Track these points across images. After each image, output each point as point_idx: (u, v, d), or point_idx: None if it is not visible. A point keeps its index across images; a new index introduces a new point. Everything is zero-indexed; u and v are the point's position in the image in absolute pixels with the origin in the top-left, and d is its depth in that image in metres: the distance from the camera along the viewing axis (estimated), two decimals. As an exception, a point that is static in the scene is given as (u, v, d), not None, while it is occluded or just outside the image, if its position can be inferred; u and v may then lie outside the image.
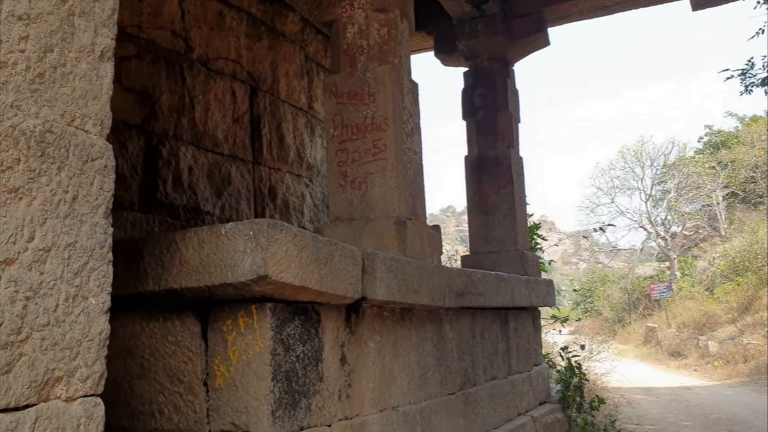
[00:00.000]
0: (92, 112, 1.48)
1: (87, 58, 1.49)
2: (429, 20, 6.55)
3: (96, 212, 1.46)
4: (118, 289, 2.49)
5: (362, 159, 3.60)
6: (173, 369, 2.48)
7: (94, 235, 1.44)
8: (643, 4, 6.36)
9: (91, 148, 1.46)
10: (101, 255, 1.45)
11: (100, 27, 1.52)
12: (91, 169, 1.45)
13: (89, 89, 1.48)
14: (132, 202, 3.98)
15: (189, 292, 2.35)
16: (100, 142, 1.49)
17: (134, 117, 4.09)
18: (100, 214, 1.47)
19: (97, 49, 1.51)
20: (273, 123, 5.49)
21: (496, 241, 6.08)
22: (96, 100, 1.49)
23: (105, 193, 1.48)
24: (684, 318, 17.95)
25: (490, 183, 6.17)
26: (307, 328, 2.55)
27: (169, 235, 2.40)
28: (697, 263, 22.38)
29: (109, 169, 1.50)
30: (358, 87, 3.68)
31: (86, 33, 1.49)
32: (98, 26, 1.51)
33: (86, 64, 1.48)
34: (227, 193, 4.84)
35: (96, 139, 1.48)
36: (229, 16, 5.13)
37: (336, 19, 3.87)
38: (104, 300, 1.45)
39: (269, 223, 2.22)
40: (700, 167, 25.47)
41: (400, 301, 3.09)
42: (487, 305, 4.28)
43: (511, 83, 6.36)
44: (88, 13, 1.49)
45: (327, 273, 2.51)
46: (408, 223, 3.58)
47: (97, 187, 1.47)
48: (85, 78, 1.47)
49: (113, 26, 1.56)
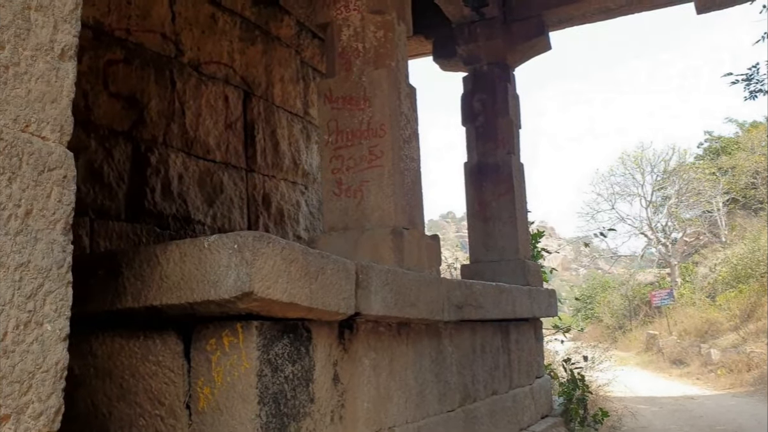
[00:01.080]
0: (50, 116, 1.33)
1: (45, 57, 1.34)
2: (427, 24, 6.42)
3: (53, 228, 1.31)
4: (97, 306, 2.36)
5: (358, 166, 3.46)
6: (154, 391, 2.33)
7: (50, 253, 1.29)
8: (646, 7, 6.23)
9: (48, 156, 1.31)
10: (59, 276, 1.30)
11: (61, 23, 1.37)
12: (48, 180, 1.30)
13: (47, 91, 1.33)
14: (118, 211, 3.83)
15: (170, 309, 2.21)
16: (59, 150, 1.34)
17: (121, 123, 3.94)
18: (58, 231, 1.31)
19: (57, 47, 1.36)
20: (267, 129, 5.34)
21: (497, 249, 5.93)
22: (55, 104, 1.34)
23: (64, 207, 1.33)
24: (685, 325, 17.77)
25: (491, 190, 6.03)
26: (296, 347, 2.40)
27: (150, 249, 2.25)
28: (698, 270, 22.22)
29: (69, 180, 1.35)
30: (354, 91, 3.53)
31: (44, 29, 1.34)
32: (58, 22, 1.37)
33: (44, 64, 1.33)
34: (219, 201, 4.69)
35: (54, 146, 1.33)
36: (221, 20, 4.99)
37: (331, 22, 3.73)
38: (62, 326, 1.30)
39: (255, 235, 2.07)
40: (701, 173, 25.36)
41: (396, 315, 2.94)
42: (487, 317, 4.13)
43: (511, 88, 6.22)
44: (46, 7, 1.35)
45: (318, 288, 2.36)
46: (405, 233, 3.43)
47: (55, 200, 1.32)
48: (43, 79, 1.33)
49: (76, 22, 1.41)
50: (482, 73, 6.10)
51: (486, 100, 6.06)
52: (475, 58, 6.12)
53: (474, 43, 6.08)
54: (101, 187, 3.72)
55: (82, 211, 3.58)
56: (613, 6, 6.17)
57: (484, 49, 6.08)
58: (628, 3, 6.15)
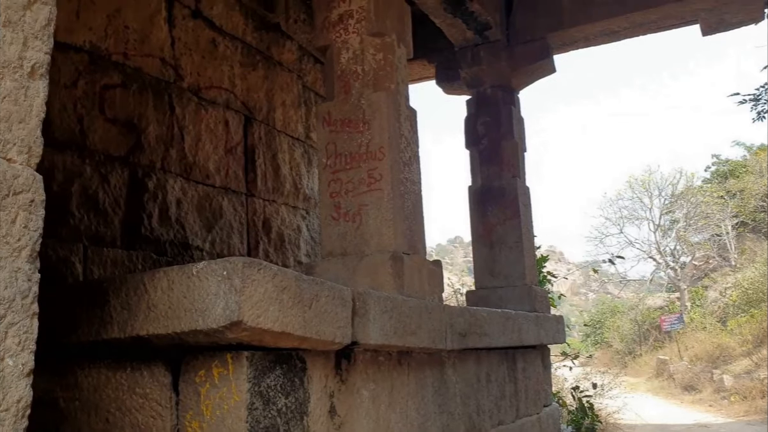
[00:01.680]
0: (17, 137, 1.25)
1: (13, 75, 1.27)
2: (430, 48, 6.39)
3: (18, 256, 1.22)
4: (83, 336, 2.27)
5: (356, 190, 3.37)
6: (141, 425, 2.23)
7: (14, 283, 1.21)
8: (652, 29, 6.18)
9: (13, 179, 1.23)
10: (23, 306, 1.22)
11: (32, 39, 1.31)
12: (14, 205, 1.22)
13: (14, 111, 1.26)
14: (114, 238, 3.75)
15: (158, 339, 2.11)
16: (27, 173, 1.26)
17: (118, 149, 3.88)
18: (23, 258, 1.23)
19: (27, 65, 1.29)
20: (268, 153, 5.28)
21: (503, 275, 5.82)
22: (23, 124, 1.27)
23: (31, 233, 1.25)
24: (696, 350, 17.48)
25: (496, 214, 5.93)
26: (290, 378, 2.30)
27: (137, 277, 2.16)
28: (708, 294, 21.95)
29: (37, 205, 1.27)
30: (352, 114, 3.47)
31: (13, 46, 1.27)
32: (29, 38, 1.30)
33: (12, 82, 1.26)
34: (218, 226, 4.62)
35: (21, 169, 1.25)
36: (222, 45, 4.96)
37: (330, 45, 3.68)
38: (25, 361, 1.21)
39: (245, 261, 1.98)
40: (709, 197, 25.16)
41: (396, 344, 2.83)
42: (493, 345, 4.01)
43: (516, 111, 6.15)
44: (15, 22, 1.28)
45: (312, 316, 2.27)
46: (405, 258, 3.33)
47: (21, 226, 1.23)
48: (10, 98, 1.25)
49: (48, 38, 1.34)
50: (486, 96, 6.05)
51: (490, 123, 6.00)
52: (479, 81, 6.07)
53: (477, 66, 6.03)
54: (96, 213, 3.65)
55: (75, 238, 3.51)
56: (616, 28, 6.12)
57: (487, 72, 6.03)
58: (632, 25, 6.10)
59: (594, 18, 6.02)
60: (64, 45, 3.59)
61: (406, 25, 3.86)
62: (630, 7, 5.88)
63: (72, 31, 3.64)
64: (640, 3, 5.83)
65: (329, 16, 3.67)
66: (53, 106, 3.47)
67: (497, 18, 5.93)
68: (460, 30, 5.82)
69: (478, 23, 5.75)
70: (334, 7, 3.66)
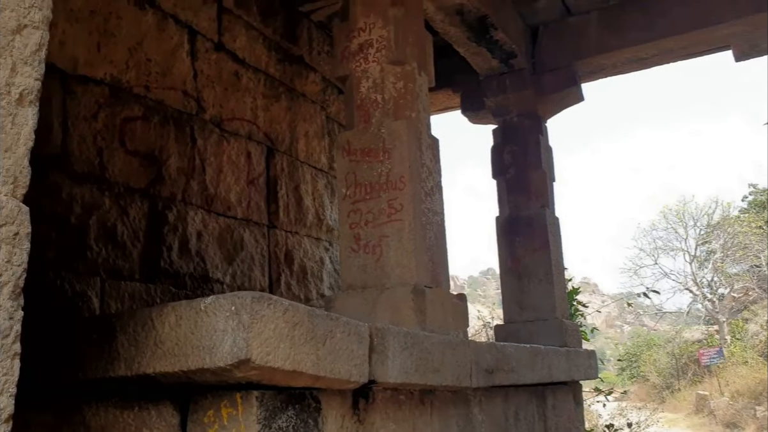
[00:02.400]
0: (2, 167, 1.19)
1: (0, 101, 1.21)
2: (454, 78, 6.32)
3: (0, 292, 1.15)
4: (90, 373, 2.19)
5: (376, 220, 3.28)
6: (148, 467, 2.13)
7: (-7, 321, 1.13)
8: (681, 56, 6.04)
9: (-4, 211, 1.16)
10: (3, 347, 1.14)
11: (21, 65, 1.25)
12: (-4, 238, 1.15)
13: (1, 139, 1.20)
14: (132, 271, 3.70)
15: (165, 377, 2.02)
16: (11, 204, 1.19)
17: (138, 181, 3.86)
18: (5, 295, 1.16)
19: (15, 91, 1.24)
20: (291, 185, 5.23)
21: (532, 308, 5.64)
22: (9, 153, 1.20)
23: (14, 268, 1.18)
24: (738, 386, 16.88)
25: (524, 245, 5.77)
26: (303, 419, 2.18)
27: (145, 312, 2.09)
28: (749, 327, 21.28)
29: (22, 238, 1.20)
30: (372, 143, 3.39)
31: (0, 71, 1.21)
32: (17, 63, 1.24)
33: (-2, 109, 1.20)
34: (239, 259, 4.55)
35: (6, 200, 1.19)
36: (245, 77, 4.96)
37: (350, 74, 3.64)
38: (4, 405, 1.13)
39: (254, 296, 1.89)
40: (746, 227, 24.56)
41: (417, 382, 2.71)
42: (521, 382, 3.84)
43: (543, 140, 6.03)
44: (3, 47, 1.22)
45: (326, 354, 2.16)
46: (427, 291, 3.21)
47: (3, 260, 1.16)
48: (-4, 125, 1.19)
49: (39, 64, 1.29)
50: (512, 125, 5.95)
51: (517, 152, 5.88)
52: (505, 110, 5.98)
53: (503, 95, 5.94)
54: (114, 246, 3.61)
55: (92, 272, 3.46)
56: (645, 55, 5.99)
57: (513, 101, 5.94)
58: (661, 52, 5.96)
59: (622, 45, 5.90)
60: (85, 78, 3.59)
61: (428, 53, 3.80)
62: (658, 33, 5.75)
63: (93, 64, 3.65)
64: (669, 29, 5.70)
65: (349, 46, 3.63)
66: (72, 139, 3.46)
67: (522, 46, 5.85)
68: (485, 59, 5.75)
69: (503, 52, 5.68)
70: (354, 36, 3.63)
